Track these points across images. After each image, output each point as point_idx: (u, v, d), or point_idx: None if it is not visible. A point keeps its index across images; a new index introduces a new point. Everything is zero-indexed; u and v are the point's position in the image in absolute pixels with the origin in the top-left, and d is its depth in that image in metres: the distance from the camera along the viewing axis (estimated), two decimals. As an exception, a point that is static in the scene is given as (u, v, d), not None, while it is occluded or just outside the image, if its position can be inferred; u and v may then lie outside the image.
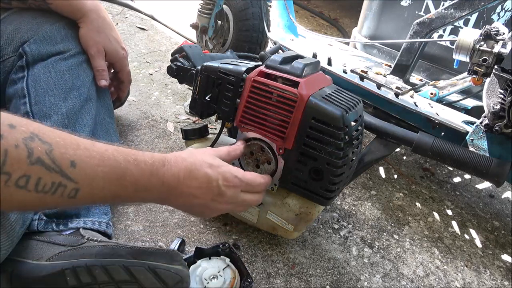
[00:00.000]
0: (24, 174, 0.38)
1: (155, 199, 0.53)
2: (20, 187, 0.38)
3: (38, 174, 0.39)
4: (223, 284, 0.65)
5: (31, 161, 0.38)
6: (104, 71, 0.80)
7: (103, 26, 0.79)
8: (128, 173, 0.47)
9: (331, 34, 2.13)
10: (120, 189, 0.47)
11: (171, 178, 0.53)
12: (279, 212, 0.71)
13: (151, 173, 0.50)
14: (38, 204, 0.41)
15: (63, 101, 0.71)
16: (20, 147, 0.38)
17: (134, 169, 0.48)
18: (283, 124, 0.64)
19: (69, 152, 0.42)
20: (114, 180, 0.46)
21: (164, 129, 1.11)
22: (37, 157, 0.39)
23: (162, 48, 1.58)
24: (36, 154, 0.39)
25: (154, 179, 0.51)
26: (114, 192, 0.47)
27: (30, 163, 0.38)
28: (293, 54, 0.69)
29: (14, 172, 0.37)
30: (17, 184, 0.38)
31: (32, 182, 0.39)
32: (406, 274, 0.80)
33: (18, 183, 0.38)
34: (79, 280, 0.54)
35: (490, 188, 1.09)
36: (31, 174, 0.39)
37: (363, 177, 1.05)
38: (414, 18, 1.08)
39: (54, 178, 0.40)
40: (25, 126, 0.39)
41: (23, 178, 0.38)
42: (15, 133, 0.38)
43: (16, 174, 0.38)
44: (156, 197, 0.53)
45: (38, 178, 0.39)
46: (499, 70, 0.71)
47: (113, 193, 0.47)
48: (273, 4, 1.34)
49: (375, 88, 1.01)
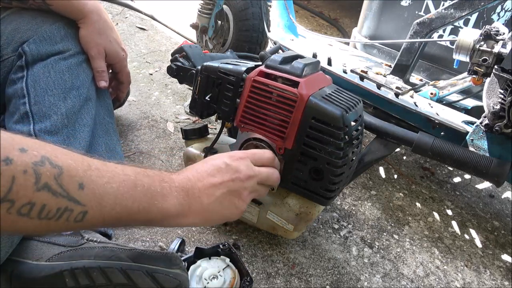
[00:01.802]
0: (28, 201, 0.37)
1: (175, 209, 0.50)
2: (22, 215, 0.37)
3: (43, 201, 0.38)
4: (223, 284, 0.65)
5: (37, 188, 0.37)
6: (104, 72, 0.80)
7: (104, 28, 0.79)
8: (139, 183, 0.46)
9: (331, 34, 2.13)
10: (132, 202, 0.45)
11: (182, 180, 0.52)
12: (279, 212, 0.71)
13: (162, 179, 0.49)
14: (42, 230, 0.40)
15: (63, 101, 0.71)
16: (28, 173, 0.36)
17: (143, 179, 0.47)
18: (283, 124, 0.64)
19: (79, 174, 0.41)
20: (125, 193, 0.44)
21: (164, 129, 1.11)
22: (45, 182, 0.38)
23: (162, 48, 1.58)
24: (44, 180, 0.38)
25: (166, 184, 0.49)
26: (126, 207, 0.45)
27: (37, 190, 0.37)
28: (293, 54, 0.69)
29: (19, 200, 0.36)
30: (20, 212, 0.37)
31: (35, 210, 0.38)
32: (406, 274, 0.80)
33: (20, 211, 0.37)
34: (77, 282, 0.54)
35: (490, 188, 1.09)
36: (36, 202, 0.37)
37: (363, 177, 1.05)
38: (414, 18, 1.08)
39: (60, 204, 0.39)
40: (37, 150, 0.38)
41: (26, 206, 0.37)
42: (25, 157, 0.37)
43: (20, 202, 0.36)
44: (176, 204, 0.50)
45: (42, 205, 0.38)
46: (499, 70, 0.71)
47: (126, 209, 0.45)
48: (273, 4, 1.34)
49: (375, 88, 1.00)
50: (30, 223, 0.38)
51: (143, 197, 0.46)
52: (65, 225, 0.41)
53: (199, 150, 0.79)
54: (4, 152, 0.35)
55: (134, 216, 0.46)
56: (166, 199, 0.49)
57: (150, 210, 0.47)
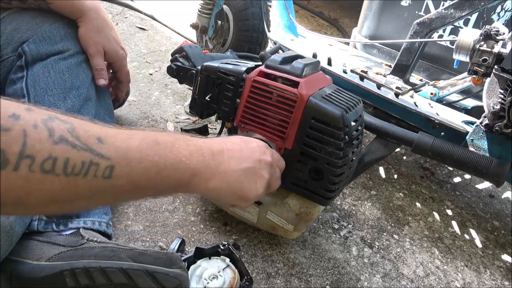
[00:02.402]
0: (49, 155, 0.33)
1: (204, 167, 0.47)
2: (47, 172, 0.34)
3: (65, 154, 0.34)
4: (223, 284, 0.65)
5: (54, 141, 0.34)
6: (103, 70, 0.80)
7: (103, 26, 0.79)
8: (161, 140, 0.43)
9: (331, 34, 2.13)
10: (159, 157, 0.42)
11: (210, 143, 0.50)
12: (279, 212, 0.71)
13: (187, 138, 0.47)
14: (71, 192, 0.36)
15: (63, 101, 0.71)
16: (39, 127, 0.33)
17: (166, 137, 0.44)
18: (283, 124, 0.64)
19: (94, 130, 0.38)
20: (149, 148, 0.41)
21: (164, 129, 1.11)
22: (60, 135, 0.34)
23: (162, 48, 1.58)
24: (58, 133, 0.34)
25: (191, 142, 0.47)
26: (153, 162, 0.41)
27: (54, 143, 0.34)
28: (293, 54, 0.69)
29: (38, 154, 0.33)
30: (43, 168, 0.33)
31: (59, 164, 0.34)
32: (406, 274, 0.80)
33: (44, 166, 0.33)
34: (77, 281, 0.54)
35: (490, 188, 1.09)
36: (58, 155, 0.34)
37: (363, 177, 1.05)
38: (414, 18, 1.08)
39: (83, 157, 0.36)
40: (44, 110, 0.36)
41: (48, 160, 0.33)
42: (33, 114, 0.34)
43: (40, 157, 0.33)
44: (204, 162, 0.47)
45: (66, 158, 0.34)
46: (499, 70, 0.71)
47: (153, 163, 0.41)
48: (273, 4, 1.33)
49: (375, 88, 1.00)
50: (57, 182, 0.35)
51: (169, 153, 0.43)
52: (95, 183, 0.37)
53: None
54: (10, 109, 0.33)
55: (163, 172, 0.42)
56: (193, 156, 0.46)
57: (177, 166, 0.44)
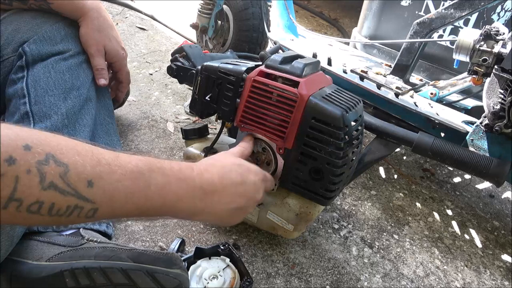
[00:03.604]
0: (36, 200, 0.37)
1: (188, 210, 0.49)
2: (33, 213, 0.37)
3: (51, 200, 0.37)
4: (223, 284, 0.65)
5: (43, 187, 0.37)
6: (103, 70, 0.80)
7: (104, 26, 0.79)
8: (153, 182, 0.45)
9: (331, 34, 2.13)
10: (145, 201, 0.44)
11: (204, 182, 0.51)
12: (279, 212, 0.71)
13: (179, 178, 0.48)
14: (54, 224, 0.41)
15: (63, 101, 0.71)
16: (32, 172, 0.36)
17: (159, 178, 0.45)
18: (283, 124, 0.64)
19: (87, 171, 0.40)
20: (137, 192, 0.43)
21: (164, 129, 1.11)
22: (50, 181, 0.37)
23: (162, 48, 1.58)
24: (49, 179, 0.37)
25: (184, 184, 0.48)
26: (138, 205, 0.44)
27: (43, 189, 0.37)
28: (293, 54, 0.69)
29: (26, 198, 0.36)
30: (29, 210, 0.37)
31: (45, 208, 0.37)
32: (406, 274, 0.80)
33: (30, 209, 0.37)
34: (77, 282, 0.54)
35: (490, 188, 1.09)
36: (44, 200, 0.37)
37: (363, 177, 1.05)
38: (414, 18, 1.08)
39: (69, 202, 0.39)
40: (42, 147, 0.37)
41: (35, 204, 0.37)
42: (29, 156, 0.36)
43: (28, 201, 0.36)
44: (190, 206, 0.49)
45: (51, 203, 0.38)
46: (499, 70, 0.71)
47: (137, 206, 0.44)
48: (273, 4, 1.33)
49: (375, 88, 1.00)
50: (41, 219, 0.38)
51: (157, 197, 0.45)
52: (77, 220, 0.41)
53: (199, 150, 0.79)
54: (7, 151, 0.34)
55: (145, 213, 0.45)
56: (181, 200, 0.48)
57: (161, 209, 0.46)
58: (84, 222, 0.43)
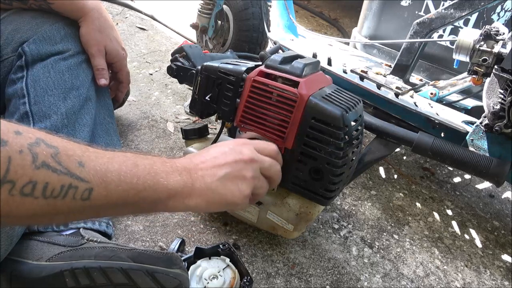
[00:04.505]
0: (29, 180, 0.36)
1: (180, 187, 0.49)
2: (26, 195, 0.36)
3: (45, 179, 0.37)
4: (223, 284, 0.65)
5: (36, 166, 0.37)
6: (104, 70, 0.80)
7: (104, 26, 0.79)
8: (140, 163, 0.46)
9: (331, 34, 2.13)
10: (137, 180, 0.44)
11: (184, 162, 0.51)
12: (279, 212, 0.71)
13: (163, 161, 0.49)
14: (49, 211, 0.39)
15: (63, 101, 0.71)
16: (24, 152, 0.36)
17: (144, 160, 0.47)
18: (283, 124, 0.64)
19: (77, 154, 0.40)
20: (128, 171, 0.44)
21: (164, 129, 1.11)
22: (42, 161, 0.37)
23: (162, 48, 1.58)
24: (41, 158, 0.37)
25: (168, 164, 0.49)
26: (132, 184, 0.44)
27: (36, 168, 0.36)
28: (293, 54, 0.69)
29: (19, 179, 0.36)
30: (23, 192, 0.36)
31: (38, 188, 0.37)
32: (406, 274, 0.80)
33: (23, 190, 0.36)
34: (77, 281, 0.54)
35: (490, 188, 1.09)
36: (37, 180, 0.37)
37: (363, 177, 1.05)
38: (414, 18, 1.08)
39: (63, 181, 0.38)
40: (32, 133, 0.38)
41: (28, 184, 0.36)
42: (20, 139, 0.36)
43: (21, 182, 0.36)
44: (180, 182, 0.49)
45: (45, 183, 0.37)
46: (499, 70, 0.71)
47: (131, 185, 0.44)
48: (273, 4, 1.33)
49: (375, 88, 1.00)
50: (36, 203, 0.37)
51: (147, 175, 0.45)
52: (73, 204, 0.40)
53: (199, 150, 0.79)
54: None
55: (141, 194, 0.45)
56: (170, 177, 0.48)
57: (155, 187, 0.46)
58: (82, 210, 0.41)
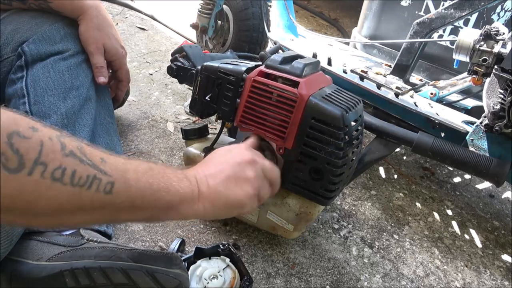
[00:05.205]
0: (59, 165, 0.38)
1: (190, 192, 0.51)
2: (56, 180, 0.38)
3: (73, 166, 0.39)
4: (223, 284, 0.65)
5: (65, 153, 0.39)
6: (103, 68, 0.80)
7: (103, 24, 0.79)
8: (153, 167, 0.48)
9: (331, 34, 2.13)
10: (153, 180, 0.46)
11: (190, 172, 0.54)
12: (279, 212, 0.71)
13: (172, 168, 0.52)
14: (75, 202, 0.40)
15: (62, 101, 0.71)
16: (54, 140, 0.38)
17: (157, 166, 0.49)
18: (283, 124, 0.64)
19: (97, 151, 0.43)
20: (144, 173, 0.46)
21: (164, 129, 1.11)
22: (70, 150, 0.39)
23: (162, 48, 1.58)
24: (69, 148, 0.39)
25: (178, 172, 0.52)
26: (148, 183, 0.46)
27: (65, 155, 0.38)
28: (293, 54, 0.69)
29: (50, 162, 0.37)
30: (53, 176, 0.37)
31: (67, 174, 0.38)
32: (406, 274, 0.79)
33: (54, 174, 0.37)
34: (77, 282, 0.54)
35: (490, 188, 1.09)
36: (67, 166, 0.38)
37: (363, 177, 1.05)
38: (414, 18, 1.08)
39: (89, 171, 0.40)
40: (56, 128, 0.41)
41: (58, 169, 0.38)
42: (48, 129, 0.39)
43: (52, 165, 0.37)
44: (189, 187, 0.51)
45: (73, 170, 0.39)
46: (499, 70, 0.71)
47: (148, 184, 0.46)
48: (273, 4, 1.33)
49: (375, 88, 1.00)
50: (64, 190, 0.39)
51: (161, 178, 0.48)
52: (97, 196, 0.41)
53: (199, 150, 0.79)
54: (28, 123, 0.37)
55: (156, 194, 0.46)
56: (181, 182, 0.50)
57: (169, 189, 0.48)
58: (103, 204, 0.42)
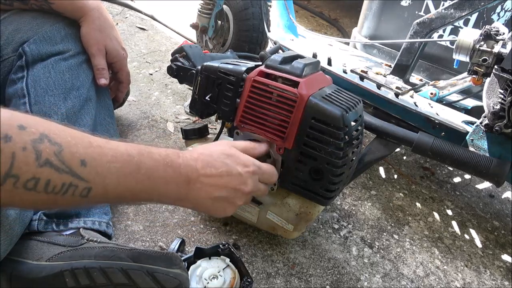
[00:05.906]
0: (33, 176, 0.38)
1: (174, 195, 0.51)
2: (29, 189, 0.38)
3: (47, 176, 0.39)
4: (223, 284, 0.65)
5: (39, 164, 0.38)
6: (104, 70, 0.80)
7: (105, 25, 0.79)
8: (142, 166, 0.47)
9: (331, 34, 2.13)
10: (135, 184, 0.46)
11: (188, 169, 0.52)
12: (279, 212, 0.71)
13: (166, 163, 0.49)
14: (50, 203, 0.41)
15: (63, 101, 0.71)
16: (28, 150, 0.37)
17: (148, 161, 0.47)
18: (283, 124, 0.64)
19: (80, 151, 0.41)
20: (128, 174, 0.45)
21: (164, 129, 1.11)
22: (45, 159, 0.39)
23: (162, 48, 1.58)
24: (44, 156, 0.38)
25: (170, 169, 0.50)
26: (129, 187, 0.46)
27: (39, 166, 0.38)
28: (293, 54, 0.69)
29: (22, 174, 0.37)
30: (26, 186, 0.38)
31: (41, 184, 0.39)
32: (406, 274, 0.80)
33: (27, 185, 0.38)
34: (77, 282, 0.54)
35: (490, 188, 1.09)
36: (40, 177, 0.38)
37: (363, 177, 1.05)
38: (414, 18, 1.08)
39: (64, 179, 0.40)
40: (35, 127, 0.39)
41: (31, 180, 0.38)
42: (24, 135, 0.38)
43: (24, 177, 0.37)
44: (175, 191, 0.51)
45: (47, 180, 0.39)
46: (499, 70, 0.71)
47: (128, 189, 0.45)
48: (273, 4, 1.33)
49: (375, 88, 1.00)
50: (38, 197, 0.39)
51: (146, 180, 0.47)
52: (72, 200, 0.42)
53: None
54: (3, 130, 0.36)
55: (136, 196, 0.47)
56: (168, 186, 0.50)
57: (151, 193, 0.48)
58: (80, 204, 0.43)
